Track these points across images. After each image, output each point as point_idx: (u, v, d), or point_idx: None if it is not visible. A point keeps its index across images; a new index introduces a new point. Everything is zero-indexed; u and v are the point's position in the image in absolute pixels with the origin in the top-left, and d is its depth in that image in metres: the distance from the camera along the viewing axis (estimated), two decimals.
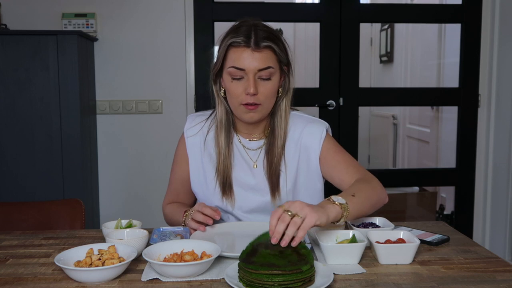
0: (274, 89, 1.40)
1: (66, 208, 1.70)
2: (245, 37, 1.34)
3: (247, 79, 1.35)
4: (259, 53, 1.34)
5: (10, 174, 2.43)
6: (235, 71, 1.36)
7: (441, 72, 3.85)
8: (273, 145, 1.45)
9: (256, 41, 1.33)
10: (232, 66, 1.36)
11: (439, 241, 1.29)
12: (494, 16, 2.86)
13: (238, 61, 1.35)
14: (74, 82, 2.43)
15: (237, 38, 1.34)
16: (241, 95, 1.37)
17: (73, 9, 2.70)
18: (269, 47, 1.35)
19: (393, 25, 4.51)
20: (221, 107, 1.46)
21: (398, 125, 4.63)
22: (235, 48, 1.35)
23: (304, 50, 4.48)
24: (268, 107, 1.41)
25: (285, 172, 1.46)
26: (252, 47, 1.33)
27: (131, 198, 2.85)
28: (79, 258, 1.10)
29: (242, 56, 1.34)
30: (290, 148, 1.47)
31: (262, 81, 1.36)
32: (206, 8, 2.81)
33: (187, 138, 1.52)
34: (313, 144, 1.46)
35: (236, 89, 1.37)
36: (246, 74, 1.35)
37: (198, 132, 1.51)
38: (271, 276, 0.97)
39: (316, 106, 2.90)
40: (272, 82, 1.38)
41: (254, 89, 1.34)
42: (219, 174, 1.46)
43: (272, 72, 1.37)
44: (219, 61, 1.40)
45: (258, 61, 1.34)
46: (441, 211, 3.55)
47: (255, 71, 1.34)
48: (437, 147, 3.95)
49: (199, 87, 2.83)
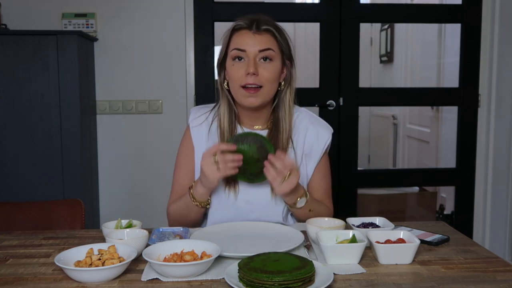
0: (275, 73, 1.44)
1: (66, 208, 1.70)
2: (248, 21, 1.43)
3: (248, 61, 1.41)
4: (259, 35, 1.42)
5: (10, 174, 2.43)
6: (237, 52, 1.42)
7: (441, 72, 3.85)
8: (277, 138, 1.49)
9: (257, 25, 1.42)
10: (234, 48, 1.42)
11: (439, 241, 1.29)
12: (494, 16, 2.86)
13: (240, 43, 1.42)
14: (74, 82, 2.43)
15: (240, 22, 1.43)
16: (241, 77, 1.41)
17: (73, 9, 2.70)
18: (269, 30, 1.43)
19: (393, 25, 4.51)
20: (224, 99, 1.50)
21: (398, 125, 4.63)
22: (238, 32, 1.44)
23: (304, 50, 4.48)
24: (268, 92, 1.44)
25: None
26: (253, 30, 1.42)
27: (131, 198, 2.85)
28: (79, 258, 1.10)
29: (244, 37, 1.42)
30: (298, 142, 1.52)
31: (262, 63, 1.42)
32: (206, 8, 2.82)
33: (192, 128, 1.54)
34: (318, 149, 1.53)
35: (237, 71, 1.42)
36: (247, 56, 1.41)
37: (202, 122, 1.54)
38: (271, 276, 0.97)
39: (316, 106, 2.90)
40: (272, 65, 1.43)
41: (254, 68, 1.40)
42: None
43: (272, 54, 1.43)
44: (224, 46, 1.46)
45: (258, 42, 1.41)
46: (441, 211, 3.55)
47: (256, 52, 1.41)
48: (437, 147, 3.95)
49: (199, 87, 2.83)
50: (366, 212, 3.12)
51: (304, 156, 1.53)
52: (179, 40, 2.80)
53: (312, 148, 1.53)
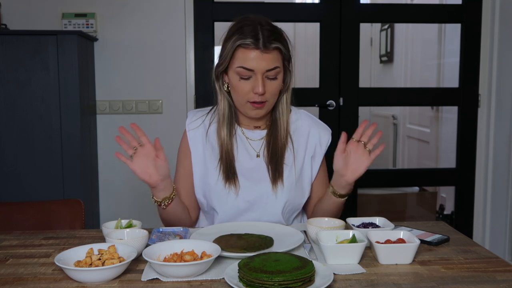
0: (278, 87, 1.46)
1: (66, 208, 1.70)
2: (253, 38, 1.38)
3: (255, 79, 1.40)
4: (267, 54, 1.39)
5: (10, 174, 2.43)
6: (244, 71, 1.40)
7: (441, 72, 3.85)
8: (276, 137, 1.51)
9: (264, 42, 1.38)
10: (241, 66, 1.40)
11: (439, 241, 1.29)
12: (494, 16, 2.86)
13: (247, 62, 1.39)
14: (74, 82, 2.43)
15: (246, 39, 1.38)
16: (248, 94, 1.42)
17: (73, 9, 2.70)
18: (277, 48, 1.40)
19: (393, 25, 4.51)
20: (224, 101, 1.51)
21: (398, 125, 4.63)
22: (244, 49, 1.39)
23: (304, 50, 4.48)
24: (272, 103, 1.49)
25: (294, 163, 1.51)
26: (261, 49, 1.38)
27: (131, 198, 2.85)
28: (79, 258, 1.10)
29: (251, 57, 1.39)
30: (299, 142, 1.54)
31: (269, 80, 1.42)
32: (206, 8, 2.82)
33: (189, 131, 1.55)
34: (320, 149, 1.56)
35: (243, 87, 1.42)
36: (254, 74, 1.40)
37: (199, 125, 1.55)
38: (271, 276, 0.97)
39: (316, 106, 2.90)
40: (278, 81, 1.44)
41: (262, 88, 1.40)
42: (223, 163, 1.49)
43: (278, 71, 1.43)
44: (226, 60, 1.43)
45: (266, 62, 1.39)
46: (441, 211, 3.55)
47: (263, 71, 1.40)
48: (437, 147, 3.95)
49: (199, 87, 2.83)
50: (366, 212, 3.12)
51: (310, 158, 1.55)
52: (179, 40, 2.80)
53: (315, 150, 1.56)
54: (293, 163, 1.52)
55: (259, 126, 1.55)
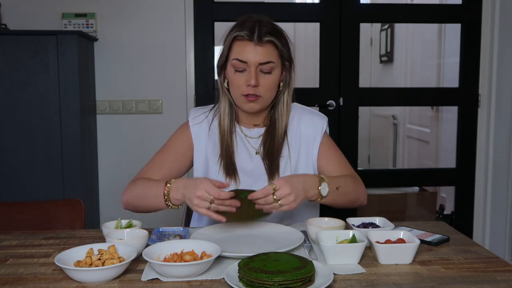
0: (274, 83, 1.47)
1: (66, 208, 1.70)
2: (249, 31, 1.41)
3: (249, 72, 1.42)
4: (261, 47, 1.41)
5: (10, 174, 2.43)
6: (238, 63, 1.43)
7: (441, 72, 3.85)
8: (274, 136, 1.52)
9: (259, 35, 1.40)
10: (236, 58, 1.43)
11: (439, 241, 1.29)
12: (494, 16, 2.86)
13: (241, 54, 1.42)
14: (74, 82, 2.43)
15: (242, 32, 1.42)
16: (242, 86, 1.44)
17: (73, 9, 2.70)
18: (271, 42, 1.42)
19: (393, 25, 4.51)
20: (225, 99, 1.53)
21: (398, 125, 4.63)
22: (239, 41, 1.43)
23: (304, 50, 4.48)
24: (267, 99, 1.48)
25: (289, 158, 1.52)
26: (255, 41, 1.40)
27: None
28: (79, 258, 1.10)
29: (245, 49, 1.41)
30: (292, 136, 1.54)
31: (263, 74, 1.44)
32: (206, 8, 2.81)
33: (193, 126, 1.56)
34: (315, 134, 1.55)
35: (238, 80, 1.44)
36: (248, 66, 1.42)
37: (203, 120, 1.57)
38: (271, 276, 0.97)
39: (316, 106, 2.90)
40: (272, 76, 1.45)
41: (255, 81, 1.41)
42: (223, 159, 1.50)
43: (273, 66, 1.44)
44: (224, 53, 1.47)
45: (260, 55, 1.41)
46: (441, 211, 3.55)
47: (257, 64, 1.41)
48: (437, 147, 3.95)
49: (199, 87, 2.83)
50: (366, 212, 3.12)
51: (305, 147, 1.54)
52: (179, 40, 2.80)
53: (309, 136, 1.54)
54: (288, 157, 1.52)
55: (258, 124, 1.56)
